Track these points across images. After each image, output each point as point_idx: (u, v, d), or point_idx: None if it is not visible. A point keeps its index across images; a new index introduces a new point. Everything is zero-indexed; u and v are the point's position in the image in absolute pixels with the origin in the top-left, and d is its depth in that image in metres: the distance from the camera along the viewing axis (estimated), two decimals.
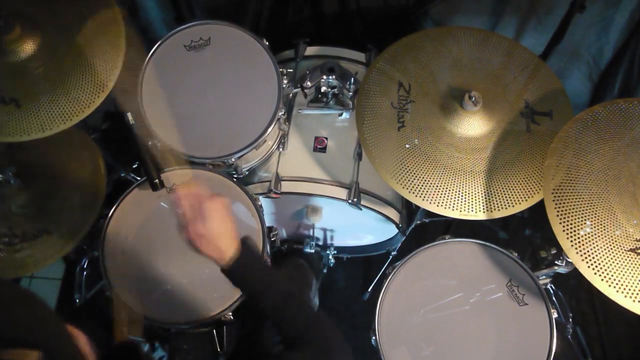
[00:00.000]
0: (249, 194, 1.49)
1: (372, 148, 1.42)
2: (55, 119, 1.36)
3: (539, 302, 1.39)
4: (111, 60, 1.41)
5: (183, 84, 1.56)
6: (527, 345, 1.36)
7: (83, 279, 1.91)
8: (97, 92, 1.39)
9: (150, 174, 1.44)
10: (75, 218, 1.53)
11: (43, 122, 1.35)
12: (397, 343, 1.38)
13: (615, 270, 1.13)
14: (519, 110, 1.48)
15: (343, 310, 2.23)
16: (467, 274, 1.45)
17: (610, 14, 1.92)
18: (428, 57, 1.54)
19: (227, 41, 1.60)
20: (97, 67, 1.40)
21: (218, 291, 1.37)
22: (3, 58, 1.39)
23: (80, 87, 1.38)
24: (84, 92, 1.38)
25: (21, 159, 1.58)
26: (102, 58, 1.41)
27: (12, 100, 1.37)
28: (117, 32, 1.44)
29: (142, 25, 2.23)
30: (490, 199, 1.37)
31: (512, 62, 1.54)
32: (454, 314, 1.41)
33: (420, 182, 1.37)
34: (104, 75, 1.40)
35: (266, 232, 1.45)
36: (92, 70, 1.40)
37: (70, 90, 1.38)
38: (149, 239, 1.43)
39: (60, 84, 1.38)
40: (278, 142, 1.69)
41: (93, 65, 1.40)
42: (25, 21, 1.41)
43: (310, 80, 1.67)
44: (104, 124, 2.29)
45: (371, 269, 2.22)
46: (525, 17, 2.03)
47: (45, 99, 1.37)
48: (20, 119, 1.36)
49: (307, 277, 1.79)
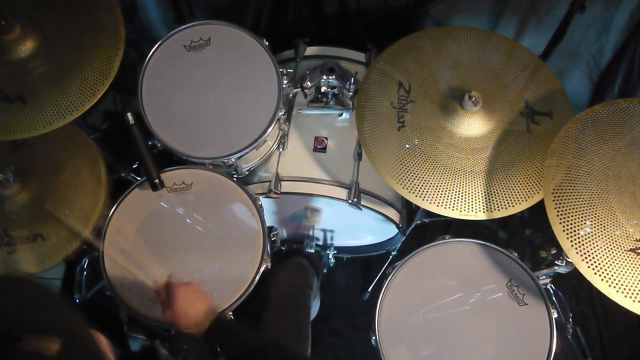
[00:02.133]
0: (249, 194, 1.49)
1: (372, 148, 1.42)
2: (58, 113, 1.38)
3: (539, 302, 1.39)
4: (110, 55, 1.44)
5: (183, 84, 1.56)
6: (527, 345, 1.36)
7: (83, 279, 1.91)
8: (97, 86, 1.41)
9: (150, 174, 1.44)
10: (75, 218, 1.53)
11: (47, 117, 1.37)
12: (397, 343, 1.38)
13: (616, 270, 1.13)
14: (519, 110, 1.48)
15: (343, 310, 2.23)
16: (467, 274, 1.45)
17: (610, 14, 1.92)
18: (428, 57, 1.54)
19: (227, 41, 1.60)
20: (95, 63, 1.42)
21: (218, 291, 1.37)
22: (4, 57, 1.40)
23: (81, 82, 1.41)
24: (85, 86, 1.41)
25: (21, 159, 1.58)
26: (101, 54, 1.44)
27: (18, 98, 1.38)
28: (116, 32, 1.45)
29: (142, 25, 2.23)
30: (490, 199, 1.37)
31: (512, 62, 1.54)
32: (454, 314, 1.41)
33: (420, 182, 1.37)
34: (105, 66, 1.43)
35: (266, 232, 1.45)
36: (91, 66, 1.42)
37: (71, 86, 1.40)
38: (148, 239, 1.43)
39: (61, 81, 1.40)
40: (278, 142, 1.69)
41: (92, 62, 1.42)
42: (25, 21, 1.41)
43: (310, 80, 1.67)
44: (104, 124, 2.29)
45: (371, 269, 2.22)
46: (525, 17, 2.03)
47: (46, 96, 1.39)
48: (26, 116, 1.37)
49: (308, 278, 1.79)
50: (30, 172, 1.55)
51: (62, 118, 1.38)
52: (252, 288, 1.38)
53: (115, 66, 1.43)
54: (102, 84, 1.41)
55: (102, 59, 1.43)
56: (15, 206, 1.51)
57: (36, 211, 1.53)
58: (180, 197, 1.49)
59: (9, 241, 1.49)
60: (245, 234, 1.44)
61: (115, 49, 1.44)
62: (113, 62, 1.43)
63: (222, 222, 1.46)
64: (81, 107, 1.39)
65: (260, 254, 1.42)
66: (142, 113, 1.51)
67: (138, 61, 2.04)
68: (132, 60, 2.25)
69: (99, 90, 1.40)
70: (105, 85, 1.41)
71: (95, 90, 1.40)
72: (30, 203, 1.52)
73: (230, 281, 1.38)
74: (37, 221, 1.52)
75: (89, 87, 1.40)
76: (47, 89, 1.39)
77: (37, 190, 1.54)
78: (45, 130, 1.37)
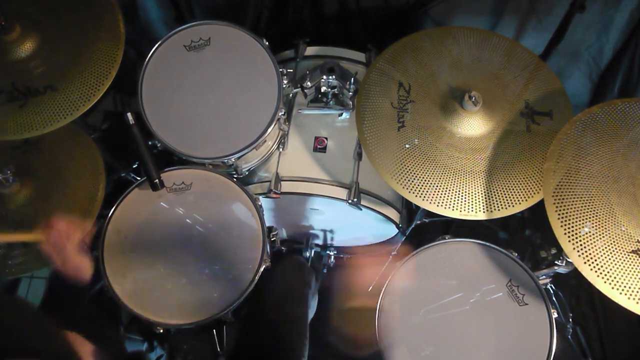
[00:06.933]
0: (249, 194, 1.49)
1: (372, 148, 1.42)
2: (58, 114, 1.38)
3: (539, 302, 1.39)
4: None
5: (183, 84, 1.56)
6: (527, 345, 1.36)
7: None
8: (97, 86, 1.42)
9: (150, 174, 1.44)
10: (75, 219, 1.53)
11: (47, 117, 1.38)
12: (397, 343, 1.38)
13: (618, 272, 1.13)
14: (519, 110, 1.48)
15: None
16: (467, 274, 1.45)
17: (610, 14, 1.92)
18: (428, 57, 1.54)
19: (227, 41, 1.60)
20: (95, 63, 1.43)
21: (218, 291, 1.37)
22: (4, 57, 1.40)
23: (81, 82, 1.41)
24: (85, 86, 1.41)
25: (20, 159, 1.58)
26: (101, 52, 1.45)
27: (18, 98, 1.38)
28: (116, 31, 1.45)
29: (142, 25, 2.23)
30: (490, 199, 1.37)
31: (512, 62, 1.54)
32: (454, 314, 1.41)
33: (420, 182, 1.37)
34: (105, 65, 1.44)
35: (266, 232, 1.45)
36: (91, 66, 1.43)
37: (71, 86, 1.41)
38: (148, 239, 1.43)
39: (61, 81, 1.40)
40: (278, 142, 1.69)
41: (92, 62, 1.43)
42: (26, 21, 1.41)
43: (310, 80, 1.67)
44: (104, 124, 2.29)
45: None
46: (525, 17, 2.03)
47: (46, 97, 1.39)
48: (26, 116, 1.38)
49: (306, 277, 1.79)
50: (30, 172, 1.55)
51: (62, 118, 1.38)
52: (252, 288, 1.38)
53: (115, 66, 1.43)
54: (102, 84, 1.41)
55: (102, 59, 1.43)
56: (15, 206, 1.51)
57: (36, 211, 1.53)
58: (180, 197, 1.49)
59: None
60: (245, 234, 1.44)
61: (115, 49, 1.44)
62: (113, 62, 1.43)
63: (222, 222, 1.46)
64: (81, 107, 1.39)
65: (260, 254, 1.41)
66: (142, 113, 1.51)
67: (138, 61, 2.05)
68: (132, 60, 2.26)
69: (99, 90, 1.41)
70: (105, 86, 1.42)
71: (95, 91, 1.41)
72: (30, 203, 1.52)
73: (230, 281, 1.38)
74: (36, 221, 1.52)
75: (89, 88, 1.41)
76: (46, 89, 1.39)
77: (37, 190, 1.54)
78: (45, 130, 1.37)
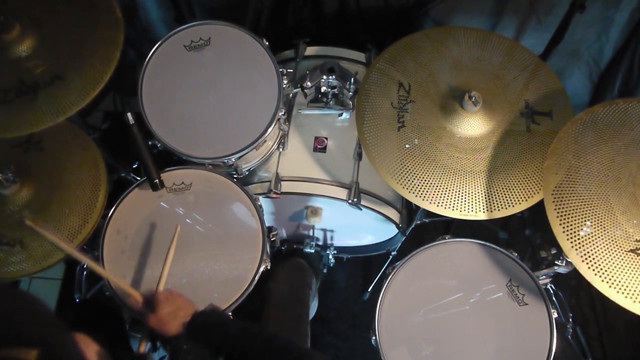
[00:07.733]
0: (249, 194, 1.49)
1: (372, 148, 1.42)
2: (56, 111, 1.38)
3: (539, 302, 1.40)
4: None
5: (183, 84, 1.56)
6: (527, 345, 1.36)
7: (83, 278, 1.91)
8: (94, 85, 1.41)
9: (150, 174, 1.44)
10: (75, 218, 1.53)
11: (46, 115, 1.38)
12: (397, 343, 1.38)
13: (616, 271, 1.13)
14: (519, 110, 1.48)
15: (343, 310, 2.23)
16: (467, 274, 1.45)
17: (610, 14, 1.92)
18: (428, 57, 1.54)
19: (227, 41, 1.60)
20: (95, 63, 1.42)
21: (218, 291, 1.37)
22: (3, 56, 1.40)
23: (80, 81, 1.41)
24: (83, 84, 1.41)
25: (20, 159, 1.57)
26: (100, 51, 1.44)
27: (17, 97, 1.38)
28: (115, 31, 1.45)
29: (142, 25, 2.23)
30: (490, 199, 1.37)
31: (512, 62, 1.54)
32: (454, 314, 1.41)
33: (420, 182, 1.37)
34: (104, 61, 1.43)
35: (266, 232, 1.45)
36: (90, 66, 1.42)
37: (70, 84, 1.40)
38: (149, 238, 1.43)
39: (60, 80, 1.40)
40: (278, 142, 1.69)
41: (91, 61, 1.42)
42: (25, 20, 1.41)
43: (310, 80, 1.68)
44: (104, 124, 2.29)
45: (371, 269, 2.22)
46: (525, 17, 2.03)
47: (45, 95, 1.39)
48: (25, 114, 1.37)
49: (306, 277, 1.79)
50: (30, 172, 1.55)
51: (61, 114, 1.38)
52: (252, 288, 1.38)
53: (111, 66, 1.42)
54: (98, 83, 1.41)
55: (101, 60, 1.42)
56: (14, 206, 1.51)
57: (36, 211, 1.53)
58: (180, 197, 1.49)
59: (9, 241, 1.49)
60: (245, 234, 1.44)
61: (114, 49, 1.43)
62: (110, 62, 1.42)
63: (222, 222, 1.46)
64: (76, 104, 1.39)
65: (260, 254, 1.42)
66: (142, 113, 1.51)
67: (138, 61, 2.05)
68: (132, 60, 2.26)
69: (95, 89, 1.40)
70: (100, 84, 1.41)
71: (94, 89, 1.40)
72: (30, 203, 1.52)
73: (230, 281, 1.38)
74: (37, 220, 1.51)
75: (86, 86, 1.40)
76: (54, 79, 1.39)
77: (37, 190, 1.54)
78: (43, 126, 1.37)
